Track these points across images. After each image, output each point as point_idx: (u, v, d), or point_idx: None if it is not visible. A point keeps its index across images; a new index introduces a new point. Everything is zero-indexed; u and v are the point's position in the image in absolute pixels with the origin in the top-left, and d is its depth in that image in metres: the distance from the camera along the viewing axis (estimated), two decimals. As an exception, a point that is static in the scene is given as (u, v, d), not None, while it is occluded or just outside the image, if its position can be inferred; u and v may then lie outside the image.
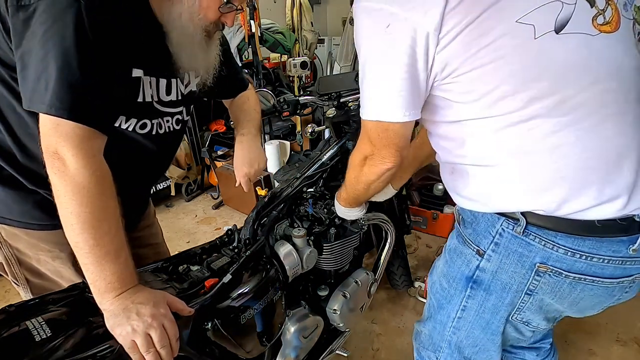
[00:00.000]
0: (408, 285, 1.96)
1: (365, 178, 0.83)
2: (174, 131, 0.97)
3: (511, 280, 0.76)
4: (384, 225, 1.39)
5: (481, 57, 0.60)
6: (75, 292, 0.76)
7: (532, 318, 0.81)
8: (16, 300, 0.70)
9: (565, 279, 0.71)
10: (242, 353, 0.91)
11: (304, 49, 3.46)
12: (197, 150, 3.20)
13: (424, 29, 0.60)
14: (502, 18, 0.58)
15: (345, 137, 1.25)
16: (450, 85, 0.65)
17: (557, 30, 0.59)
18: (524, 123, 0.63)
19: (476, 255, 0.79)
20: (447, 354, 0.95)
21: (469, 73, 0.62)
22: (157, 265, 0.90)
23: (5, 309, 0.68)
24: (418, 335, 1.05)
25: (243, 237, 0.99)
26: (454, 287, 0.86)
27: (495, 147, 0.68)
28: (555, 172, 0.65)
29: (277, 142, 2.77)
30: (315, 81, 2.89)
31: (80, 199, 0.66)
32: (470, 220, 0.81)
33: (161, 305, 0.70)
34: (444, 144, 0.77)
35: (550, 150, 0.64)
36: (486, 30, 0.59)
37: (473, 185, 0.75)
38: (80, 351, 0.63)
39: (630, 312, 1.85)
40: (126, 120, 0.83)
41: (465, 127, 0.69)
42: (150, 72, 0.82)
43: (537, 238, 0.70)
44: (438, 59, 0.62)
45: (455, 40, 0.60)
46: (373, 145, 0.75)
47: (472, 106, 0.66)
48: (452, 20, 0.59)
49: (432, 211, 2.44)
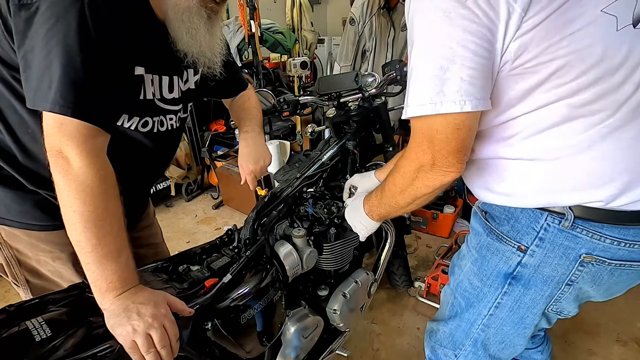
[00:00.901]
0: (408, 285, 1.96)
1: (416, 192, 0.75)
2: (175, 129, 0.97)
3: (553, 273, 0.75)
4: (384, 225, 1.39)
5: (565, 45, 0.57)
6: (75, 292, 0.76)
7: (567, 307, 0.81)
8: (16, 300, 0.70)
9: (607, 266, 0.72)
10: (242, 353, 0.91)
11: (304, 49, 3.46)
12: (197, 150, 3.20)
13: (512, 6, 0.55)
14: (589, 6, 0.56)
15: (345, 137, 1.25)
16: (520, 77, 0.61)
17: (635, 24, 0.57)
18: (591, 117, 0.61)
19: (517, 251, 0.77)
20: (469, 351, 0.93)
21: (548, 63, 0.58)
22: (157, 265, 0.90)
23: (5, 309, 0.67)
24: (434, 333, 1.03)
25: (243, 237, 0.99)
26: (488, 285, 0.84)
27: (556, 140, 0.65)
28: (618, 165, 0.64)
29: (277, 142, 2.77)
30: (315, 81, 2.90)
31: (83, 197, 0.66)
32: (506, 217, 0.78)
33: (162, 305, 0.70)
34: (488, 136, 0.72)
35: (614, 144, 0.63)
36: (572, 17, 0.56)
37: (512, 180, 0.72)
38: (80, 351, 0.63)
39: (630, 312, 1.85)
40: (129, 118, 0.83)
41: (521, 119, 0.66)
42: (152, 69, 0.82)
43: (584, 230, 0.70)
44: (514, 45, 0.58)
45: (540, 25, 0.56)
46: (436, 151, 0.65)
47: (540, 98, 0.62)
48: (540, 3, 0.55)
49: (432, 211, 2.44)
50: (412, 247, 2.43)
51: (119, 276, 0.68)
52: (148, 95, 0.84)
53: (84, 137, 0.67)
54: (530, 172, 0.70)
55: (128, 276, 0.70)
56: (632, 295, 1.86)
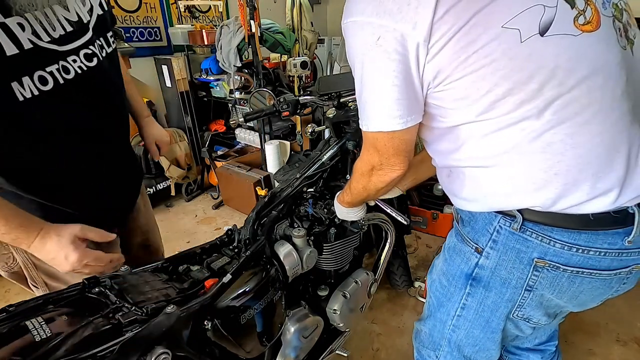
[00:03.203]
0: (408, 285, 1.96)
1: (374, 186, 0.84)
2: (95, 67, 0.81)
3: (510, 276, 0.77)
4: (384, 225, 1.39)
5: (471, 63, 0.61)
6: (75, 292, 0.76)
7: (533, 314, 0.81)
8: (16, 300, 0.70)
9: (563, 273, 0.72)
10: (242, 353, 0.91)
11: (304, 49, 3.45)
12: (197, 150, 3.20)
13: (414, 39, 0.61)
14: (489, 24, 0.60)
15: (345, 137, 1.25)
16: (442, 92, 0.67)
17: (542, 32, 0.60)
18: (516, 124, 0.65)
19: (475, 252, 0.81)
20: (446, 352, 0.96)
21: (460, 80, 0.63)
22: (157, 265, 0.90)
23: (6, 309, 0.68)
24: (418, 334, 1.06)
25: (243, 237, 0.99)
26: (454, 285, 0.87)
27: (489, 149, 0.69)
28: (549, 169, 0.66)
29: (277, 142, 2.77)
30: (315, 81, 2.89)
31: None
32: (468, 219, 0.82)
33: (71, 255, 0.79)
34: (440, 149, 0.79)
35: (542, 148, 0.65)
36: (474, 38, 0.60)
37: (469, 186, 0.77)
38: (80, 351, 0.63)
39: (630, 312, 1.85)
40: (19, 83, 0.69)
41: (460, 131, 0.71)
42: (7, 12, 0.66)
43: (534, 234, 0.72)
44: (429, 67, 0.64)
45: (445, 48, 0.61)
46: (380, 155, 0.75)
47: (466, 112, 0.67)
48: (440, 30, 0.60)
49: (432, 211, 2.44)
50: (412, 247, 2.43)
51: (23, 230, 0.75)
52: (25, 44, 0.68)
53: None
54: (479, 178, 0.74)
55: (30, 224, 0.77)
56: (632, 295, 1.86)
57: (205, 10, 3.62)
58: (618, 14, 0.68)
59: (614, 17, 0.67)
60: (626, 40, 0.68)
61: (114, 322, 0.69)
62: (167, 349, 0.68)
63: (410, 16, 0.61)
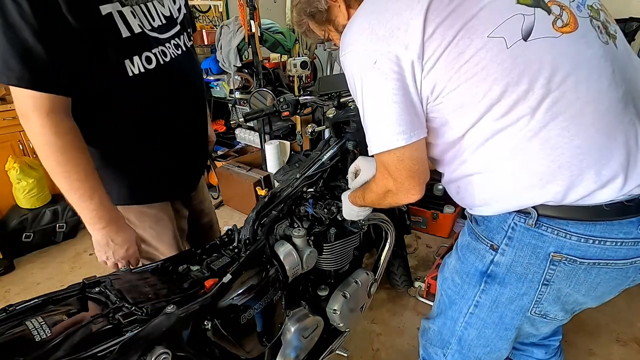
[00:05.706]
0: (408, 285, 1.96)
1: (389, 204, 0.87)
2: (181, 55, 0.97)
3: (526, 271, 0.78)
4: (384, 225, 1.39)
5: (464, 72, 0.66)
6: (75, 292, 0.76)
7: (550, 309, 0.82)
8: (16, 300, 0.70)
9: (580, 265, 0.73)
10: (242, 353, 0.91)
11: (304, 49, 3.45)
12: (197, 150, 3.19)
13: (408, 58, 0.67)
14: (475, 36, 0.65)
15: (345, 137, 1.25)
16: (441, 105, 0.71)
17: (525, 37, 0.66)
18: (514, 125, 0.68)
19: (490, 250, 0.81)
20: (455, 350, 0.96)
21: (456, 89, 0.68)
22: (157, 265, 0.90)
23: (6, 309, 0.68)
24: (425, 331, 1.06)
25: (243, 237, 0.99)
26: (467, 283, 0.88)
27: (492, 153, 0.72)
28: (552, 163, 0.68)
29: (277, 142, 2.78)
30: (315, 81, 2.89)
31: (45, 153, 0.78)
32: (482, 218, 0.83)
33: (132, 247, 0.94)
34: (447, 162, 0.81)
35: (542, 145, 0.68)
36: (463, 49, 0.66)
37: (479, 193, 0.78)
38: (80, 351, 0.63)
39: (630, 312, 1.85)
40: (131, 61, 0.84)
41: (463, 141, 0.74)
42: (121, 2, 0.81)
43: (549, 228, 0.73)
44: (425, 83, 0.69)
45: (438, 62, 0.66)
46: (394, 179, 0.77)
47: (465, 119, 0.71)
48: (431, 47, 0.66)
49: (432, 211, 2.44)
50: (412, 247, 2.43)
51: (96, 214, 0.85)
52: (135, 28, 0.84)
53: (39, 101, 0.74)
54: (487, 183, 0.76)
55: (104, 215, 0.86)
56: (632, 295, 1.86)
57: (205, 10, 3.62)
58: (595, 14, 0.73)
59: (590, 17, 0.72)
60: (607, 36, 0.72)
61: (114, 322, 0.69)
62: (167, 349, 0.68)
63: (401, 39, 0.66)
